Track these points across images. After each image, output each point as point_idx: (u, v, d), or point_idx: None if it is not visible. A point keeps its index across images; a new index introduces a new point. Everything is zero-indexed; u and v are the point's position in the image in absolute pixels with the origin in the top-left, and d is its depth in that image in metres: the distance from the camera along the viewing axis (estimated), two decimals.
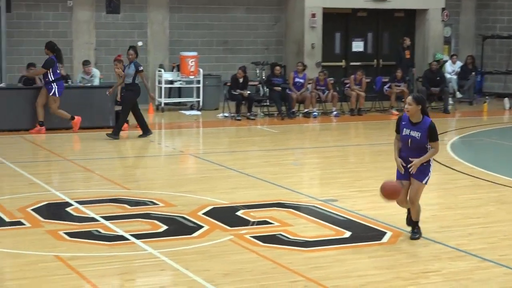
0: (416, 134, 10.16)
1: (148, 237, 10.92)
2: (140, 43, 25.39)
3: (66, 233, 11.02)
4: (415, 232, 10.66)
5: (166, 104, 24.74)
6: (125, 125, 20.07)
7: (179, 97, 25.43)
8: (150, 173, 16.26)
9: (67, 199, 13.01)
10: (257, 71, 25.63)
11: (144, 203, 12.93)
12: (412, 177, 10.36)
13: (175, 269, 9.54)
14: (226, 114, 23.45)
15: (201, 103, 24.85)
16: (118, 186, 14.08)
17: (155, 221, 11.73)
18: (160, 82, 24.70)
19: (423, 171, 10.31)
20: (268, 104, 24.41)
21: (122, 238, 10.88)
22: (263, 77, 25.26)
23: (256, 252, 10.11)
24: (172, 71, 25.07)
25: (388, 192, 10.24)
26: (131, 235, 10.93)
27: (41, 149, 18.10)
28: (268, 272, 9.44)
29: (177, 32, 25.97)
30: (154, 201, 13.01)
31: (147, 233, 11.13)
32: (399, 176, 10.48)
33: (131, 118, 19.81)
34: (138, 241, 10.65)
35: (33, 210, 12.33)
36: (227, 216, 12.07)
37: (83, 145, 19.09)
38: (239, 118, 23.03)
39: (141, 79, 19.36)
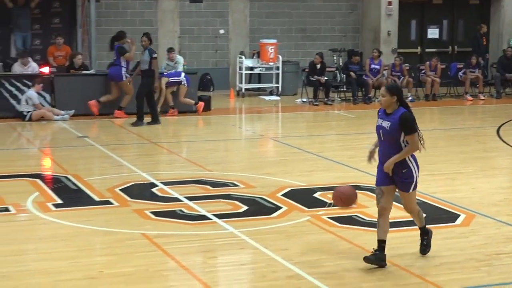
0: (386, 124, 8.61)
1: (229, 217, 11.01)
2: (222, 31, 25.58)
3: (151, 212, 11.17)
4: (425, 244, 9.18)
5: (246, 89, 24.76)
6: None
7: (259, 83, 25.47)
8: (231, 156, 16.36)
9: (153, 180, 13.17)
10: (334, 58, 25.52)
11: (225, 185, 13.01)
12: (398, 189, 8.91)
13: (255, 248, 9.59)
14: (304, 100, 23.41)
15: (280, 89, 24.85)
16: (200, 168, 14.19)
17: (236, 202, 11.81)
18: (240, 69, 24.74)
19: (406, 179, 8.73)
20: (344, 89, 24.32)
21: (204, 217, 10.98)
22: (340, 64, 25.16)
23: (333, 233, 10.12)
24: (252, 58, 25.11)
25: (344, 199, 9.15)
26: (213, 214, 11.02)
27: (129, 132, 18.31)
28: (344, 252, 9.44)
29: (257, 20, 25.99)
30: (235, 182, 13.09)
31: (228, 213, 11.21)
32: (379, 182, 8.85)
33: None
34: (219, 221, 10.73)
35: (121, 190, 12.51)
36: (304, 197, 12.08)
37: (167, 129, 19.24)
38: (316, 103, 22.97)
39: (152, 65, 19.10)
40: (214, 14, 25.60)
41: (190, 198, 11.91)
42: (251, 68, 25.00)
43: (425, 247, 9.13)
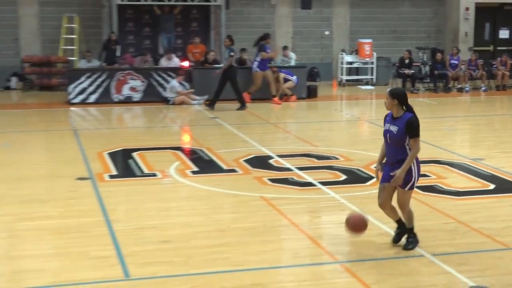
0: (394, 128, 7.76)
1: (331, 184, 11.03)
2: (327, 32, 25.63)
3: (268, 179, 11.29)
4: (409, 241, 8.02)
5: (346, 80, 24.65)
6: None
7: (357, 75, 25.27)
8: (334, 135, 16.35)
9: (270, 153, 13.27)
10: (420, 54, 25.10)
11: (328, 158, 13.02)
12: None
13: (352, 210, 9.60)
14: None
15: (374, 80, 24.63)
16: (308, 144, 14.22)
17: (337, 172, 11.82)
18: (342, 63, 24.63)
19: (405, 177, 7.72)
20: (428, 81, 24.02)
21: (311, 184, 11.03)
22: (425, 59, 24.81)
23: (417, 199, 10.01)
24: (352, 54, 25.00)
25: (353, 226, 7.96)
26: (318, 182, 11.07)
27: (251, 115, 18.46)
28: (426, 215, 9.37)
29: (356, 23, 25.86)
30: (337, 156, 13.08)
31: (330, 181, 11.23)
32: (382, 180, 7.96)
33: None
34: (323, 187, 10.77)
35: (244, 161, 12.66)
36: None
37: (283, 112, 19.34)
38: None
39: (228, 62, 19.03)
40: (321, 19, 25.59)
41: (300, 168, 11.97)
42: (351, 63, 24.85)
43: (408, 244, 7.99)
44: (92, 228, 8.89)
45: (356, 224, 7.89)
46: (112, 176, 11.68)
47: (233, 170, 12.05)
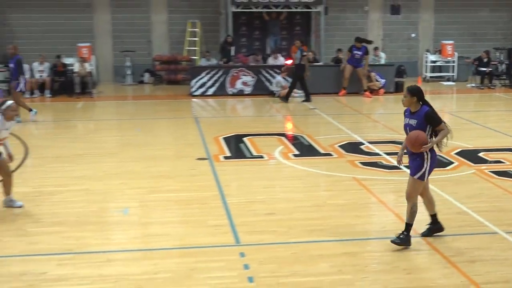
0: (413, 122, 7.21)
1: None
2: (413, 35, 25.08)
3: (360, 162, 11.19)
4: (400, 237, 7.16)
5: (430, 77, 24.05)
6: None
7: (439, 72, 24.64)
8: None
9: (361, 140, 13.15)
10: (497, 54, 24.18)
11: None
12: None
13: (433, 190, 9.36)
14: (473, 85, 22.48)
15: (455, 77, 23.96)
16: (395, 132, 13.99)
17: None
18: (426, 62, 24.05)
19: (416, 166, 7.17)
20: (504, 78, 23.14)
21: (397, 167, 10.84)
22: (502, 59, 23.90)
23: (493, 183, 9.75)
24: (435, 54, 24.38)
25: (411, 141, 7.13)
26: (403, 165, 10.86)
27: (344, 106, 18.33)
28: (500, 197, 9.10)
29: (439, 26, 25.19)
30: None
31: None
32: (410, 171, 7.32)
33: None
34: (407, 170, 10.55)
35: (339, 146, 12.59)
36: (471, 156, 11.67)
37: (372, 104, 19.09)
38: (482, 87, 22.02)
39: (303, 61, 18.90)
40: (408, 23, 25.05)
41: (387, 153, 11.81)
42: (434, 61, 24.23)
43: (397, 239, 7.18)
44: (209, 201, 9.05)
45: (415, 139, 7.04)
46: (226, 157, 11.85)
47: (329, 154, 12.00)
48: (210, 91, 20.15)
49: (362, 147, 12.57)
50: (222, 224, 8.05)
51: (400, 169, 10.68)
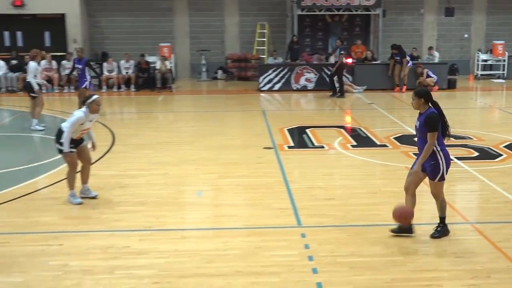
0: (417, 123, 6.85)
1: (465, 159, 10.55)
2: (466, 35, 24.41)
3: (413, 153, 10.94)
4: (437, 230, 6.92)
5: (481, 75, 23.35)
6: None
7: (490, 70, 23.89)
8: (468, 119, 15.53)
9: (414, 133, 12.88)
10: None
11: (463, 138, 12.43)
12: (428, 177, 6.86)
13: (482, 181, 9.17)
14: None
15: (505, 74, 23.17)
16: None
17: (471, 149, 11.29)
18: (478, 60, 23.34)
19: (433, 170, 6.72)
20: None
21: None
22: None
23: None
24: (487, 53, 23.65)
25: (397, 216, 6.74)
26: (454, 157, 10.61)
27: (400, 101, 18.01)
28: None
29: (491, 27, 24.40)
30: (470, 136, 12.47)
31: (464, 157, 10.75)
32: (412, 166, 7.01)
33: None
34: (458, 161, 10.33)
35: (394, 138, 12.38)
36: None
37: None
38: None
39: (340, 59, 18.66)
40: (461, 24, 24.36)
41: None
42: (485, 60, 23.49)
43: (435, 232, 6.91)
44: (274, 186, 9.07)
45: (401, 215, 6.72)
46: (290, 147, 11.84)
47: (384, 145, 11.83)
48: (276, 87, 20.16)
49: (415, 139, 12.31)
50: (285, 207, 8.05)
51: (452, 160, 10.44)
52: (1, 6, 21.46)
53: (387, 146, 11.72)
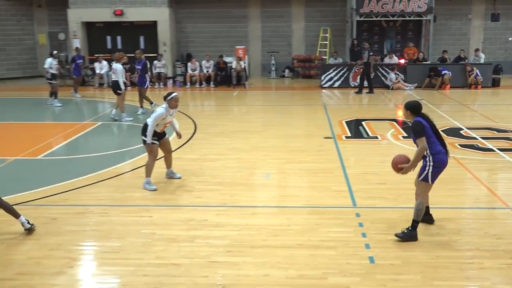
0: (409, 132, 6.08)
1: (507, 150, 10.12)
2: (510, 39, 23.33)
3: (459, 144, 10.64)
4: (403, 231, 6.20)
5: None
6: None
7: None
8: (511, 114, 14.89)
9: (461, 126, 12.47)
10: None
11: (506, 131, 11.92)
12: None
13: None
14: None
15: None
16: (490, 120, 13.14)
17: None
18: None
19: (420, 170, 6.30)
20: None
21: (491, 150, 10.21)
22: None
23: None
24: None
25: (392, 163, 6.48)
26: (497, 148, 10.22)
27: (448, 98, 17.45)
28: None
29: None
30: None
31: (507, 148, 10.31)
32: None
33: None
34: (501, 153, 9.92)
35: (441, 130, 11.64)
36: None
37: (471, 97, 17.98)
38: None
39: (370, 60, 18.35)
40: (506, 28, 23.24)
41: (483, 138, 11.14)
42: None
43: (400, 233, 6.22)
44: (332, 171, 8.98)
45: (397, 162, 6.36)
46: (347, 137, 11.69)
47: None
48: (336, 84, 19.93)
49: (461, 132, 11.91)
50: (342, 190, 7.97)
51: (494, 151, 10.05)
52: (105, 15, 22.12)
53: None
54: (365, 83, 18.74)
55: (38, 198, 7.76)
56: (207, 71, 21.32)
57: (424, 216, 6.49)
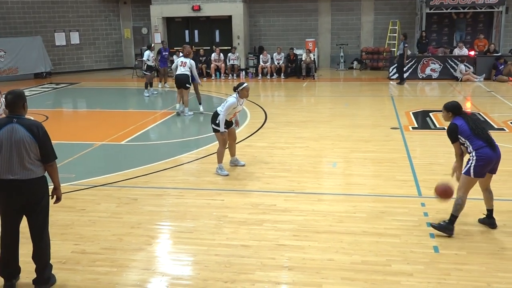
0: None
1: None
2: None
3: None
4: (441, 224, 5.90)
5: None
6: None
7: None
8: None
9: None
10: None
11: None
12: None
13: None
14: None
15: None
16: None
17: None
18: None
19: (465, 164, 5.88)
20: None
21: None
22: None
23: None
24: None
25: (439, 193, 5.96)
26: None
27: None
28: None
29: None
30: None
31: None
32: None
33: None
34: None
35: (511, 123, 11.41)
36: None
37: None
38: None
39: (404, 51, 17.87)
40: None
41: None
42: None
43: (438, 224, 5.94)
44: (398, 161, 8.77)
45: (443, 191, 5.95)
46: (414, 128, 11.35)
47: (502, 129, 10.96)
48: (404, 76, 19.34)
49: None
50: (408, 180, 7.77)
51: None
52: (184, 11, 22.57)
53: (504, 130, 10.84)
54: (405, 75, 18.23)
55: (122, 180, 8.09)
56: (278, 63, 21.31)
57: (486, 219, 6.16)
